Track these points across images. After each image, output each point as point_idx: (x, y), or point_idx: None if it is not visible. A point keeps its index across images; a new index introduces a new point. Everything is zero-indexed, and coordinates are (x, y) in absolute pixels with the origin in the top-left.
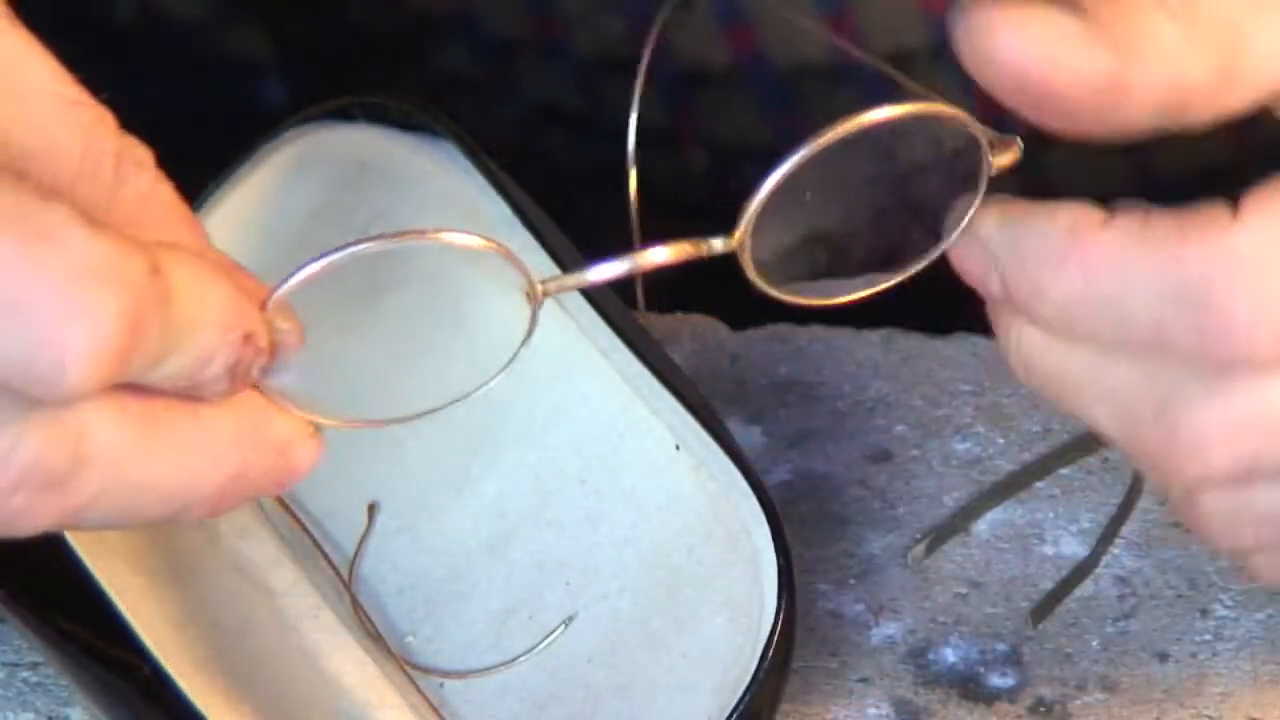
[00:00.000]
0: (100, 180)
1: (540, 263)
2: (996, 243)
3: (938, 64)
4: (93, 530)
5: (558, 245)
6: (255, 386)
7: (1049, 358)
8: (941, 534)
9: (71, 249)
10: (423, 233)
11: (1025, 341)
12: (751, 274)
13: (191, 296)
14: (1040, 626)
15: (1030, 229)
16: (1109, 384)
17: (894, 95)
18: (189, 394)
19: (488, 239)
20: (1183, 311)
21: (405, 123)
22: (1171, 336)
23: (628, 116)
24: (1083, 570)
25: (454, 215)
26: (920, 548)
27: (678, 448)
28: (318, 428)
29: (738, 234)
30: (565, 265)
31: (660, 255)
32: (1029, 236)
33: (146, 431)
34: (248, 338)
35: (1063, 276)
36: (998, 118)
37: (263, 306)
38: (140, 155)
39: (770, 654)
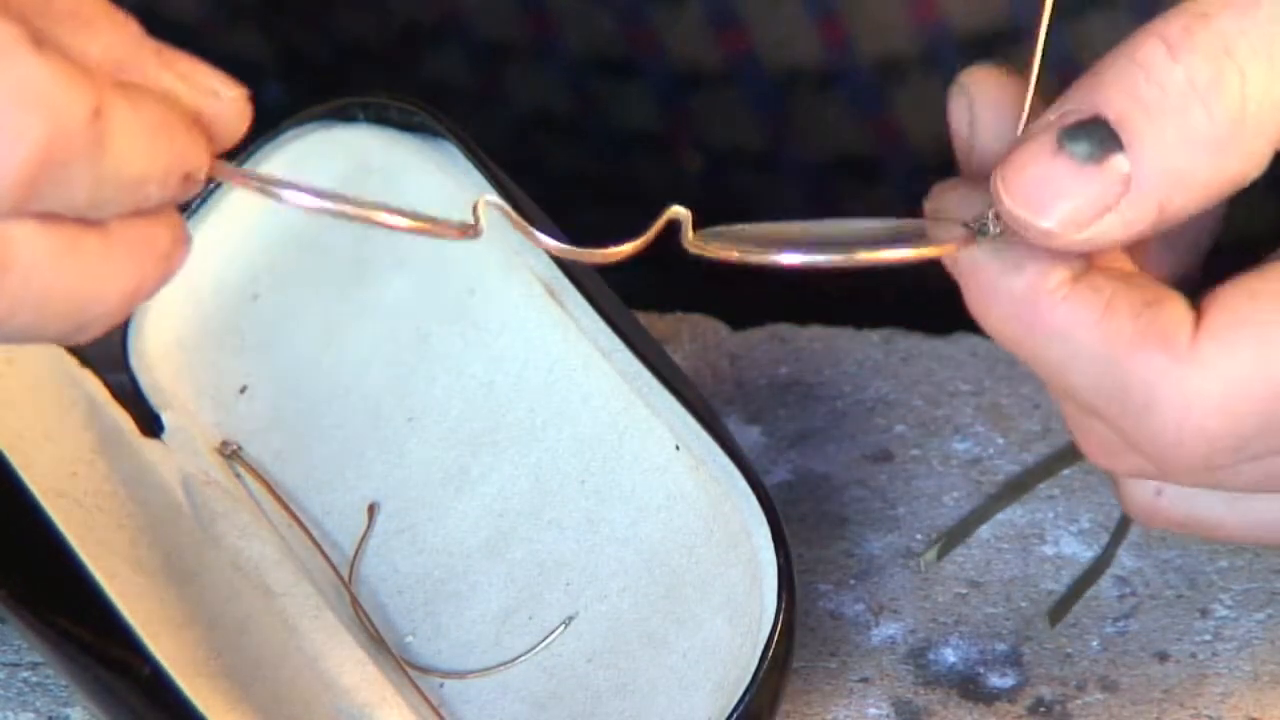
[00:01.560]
0: None
1: (540, 262)
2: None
3: (930, 73)
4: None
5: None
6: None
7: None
8: (953, 537)
9: (13, 68)
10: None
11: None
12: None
13: (134, 150)
14: (1040, 626)
15: (996, 271)
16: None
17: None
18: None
19: (418, 219)
20: (1121, 411)
21: (405, 123)
22: (1106, 418)
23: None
24: (1097, 569)
25: (453, 215)
26: (931, 553)
27: (678, 448)
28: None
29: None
30: (565, 264)
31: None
32: (996, 276)
33: (64, 248)
34: (186, 177)
35: (1008, 328)
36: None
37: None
38: None
39: (770, 654)
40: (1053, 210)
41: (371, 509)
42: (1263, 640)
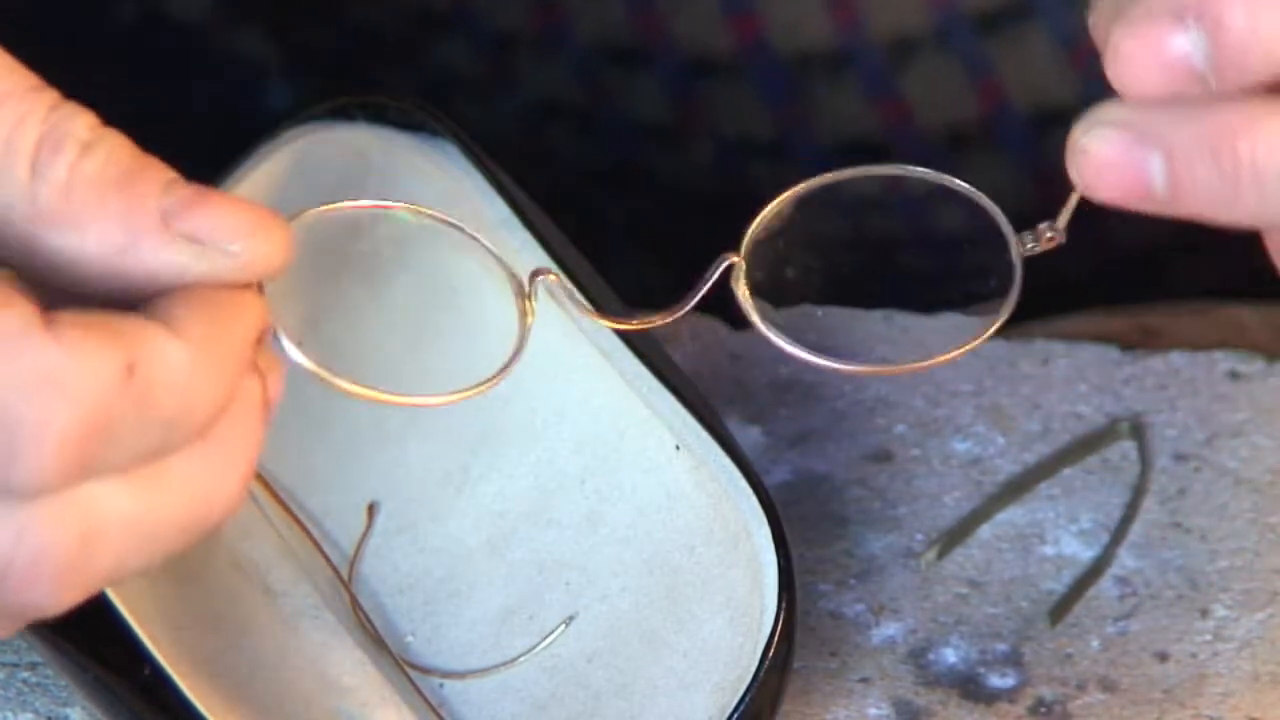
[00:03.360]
0: (14, 184)
1: (540, 262)
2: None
3: (942, 50)
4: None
5: (557, 244)
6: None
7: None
8: (953, 537)
9: (25, 356)
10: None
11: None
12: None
13: (181, 387)
14: (1040, 627)
15: None
16: None
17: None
18: None
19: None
20: None
21: (405, 122)
22: None
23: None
24: (1097, 570)
25: (454, 215)
26: (932, 553)
27: (678, 448)
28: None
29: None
30: (565, 264)
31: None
32: None
33: (155, 484)
34: (258, 342)
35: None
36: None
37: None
38: (64, 132)
39: (770, 654)
40: None
41: (371, 509)
42: (1263, 640)
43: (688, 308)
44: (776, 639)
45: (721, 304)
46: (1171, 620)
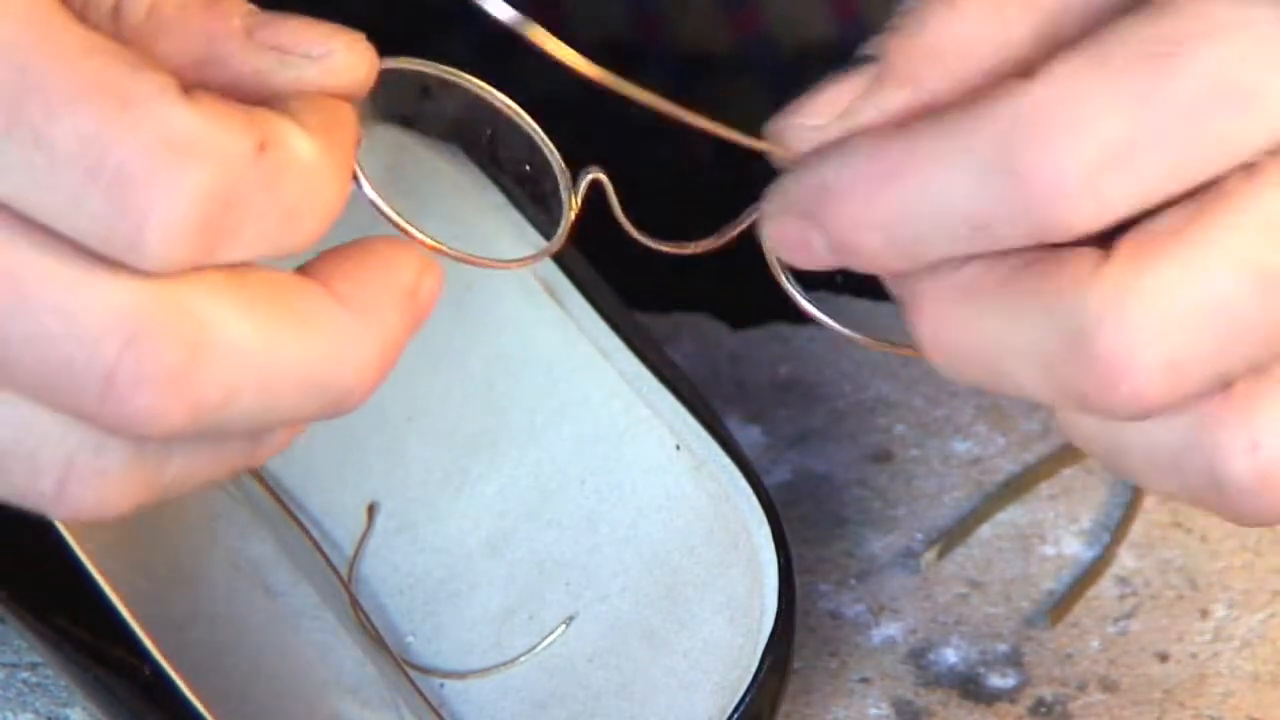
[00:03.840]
0: (99, 6)
1: (542, 265)
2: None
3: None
4: (235, 433)
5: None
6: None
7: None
8: (953, 537)
9: (158, 119)
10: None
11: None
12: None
13: (307, 176)
14: (1040, 627)
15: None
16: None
17: None
18: None
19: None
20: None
21: (409, 122)
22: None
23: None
24: (1097, 570)
25: (455, 214)
26: (932, 553)
27: (678, 448)
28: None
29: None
30: (565, 263)
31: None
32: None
33: (278, 317)
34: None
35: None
36: None
37: None
38: None
39: (770, 654)
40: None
41: (371, 509)
42: (1263, 640)
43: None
44: (776, 639)
45: (722, 304)
46: (1171, 620)
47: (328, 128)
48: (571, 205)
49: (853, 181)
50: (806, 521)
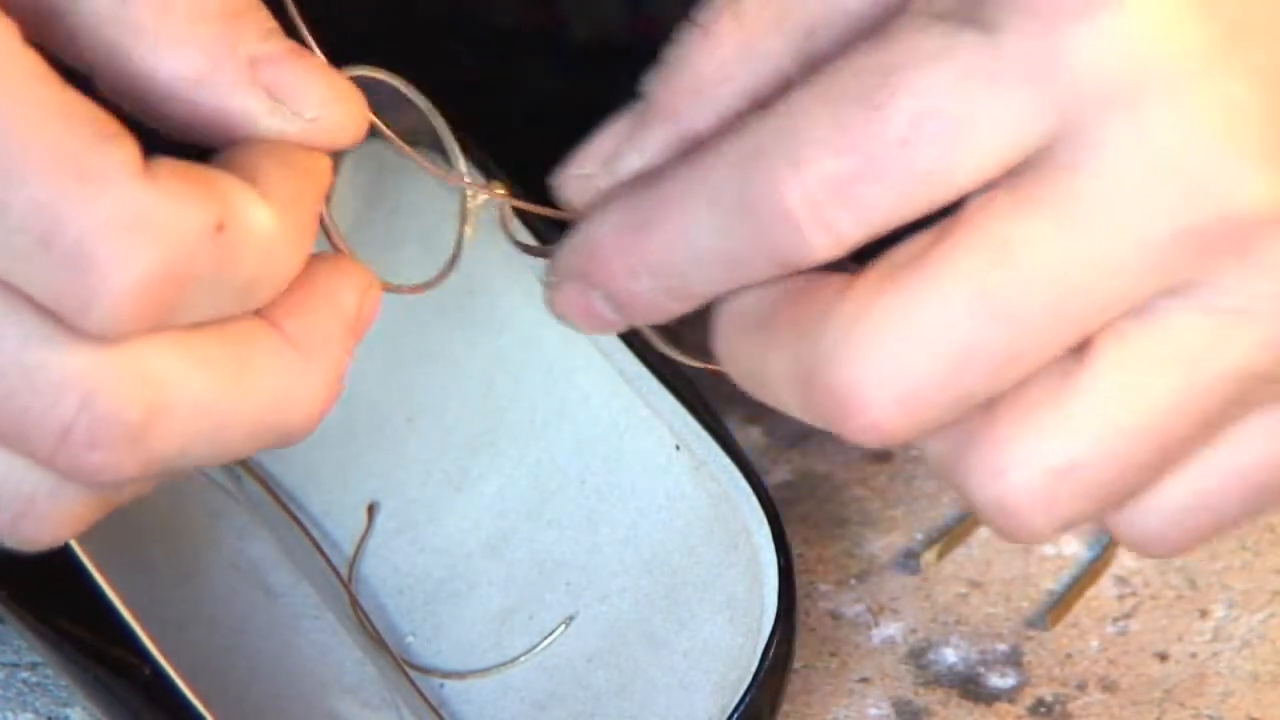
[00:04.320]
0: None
1: (540, 262)
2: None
3: None
4: (187, 469)
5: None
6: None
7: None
8: (953, 537)
9: (115, 196)
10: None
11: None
12: None
13: (264, 251)
14: (1040, 627)
15: None
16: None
17: None
18: None
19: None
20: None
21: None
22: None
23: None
24: (1097, 570)
25: (454, 215)
26: (932, 553)
27: (678, 448)
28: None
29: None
30: None
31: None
32: None
33: (233, 370)
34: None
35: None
36: None
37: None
38: None
39: (770, 654)
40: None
41: (371, 509)
42: (1263, 640)
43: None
44: (776, 639)
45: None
46: (1171, 620)
47: (294, 195)
48: (466, 224)
49: (613, 234)
50: (806, 521)
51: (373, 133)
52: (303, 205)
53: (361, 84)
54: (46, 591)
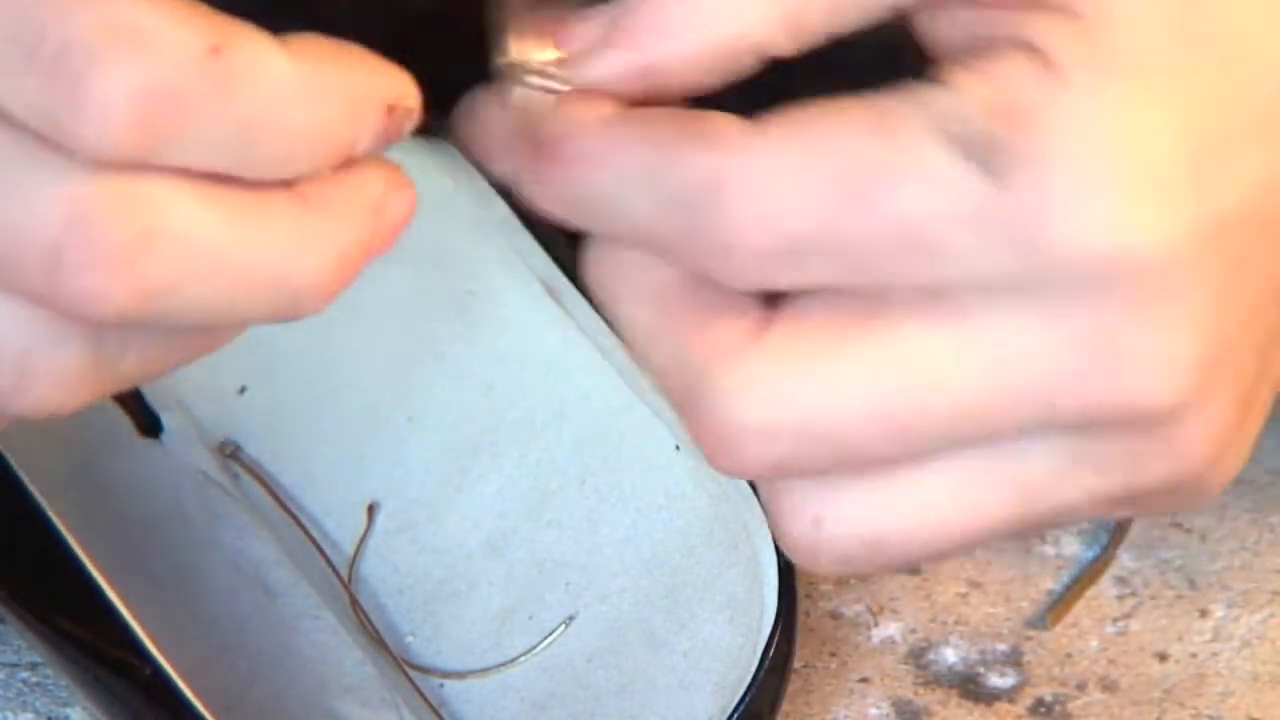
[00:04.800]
0: None
1: (540, 262)
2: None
3: None
4: (190, 325)
5: (558, 246)
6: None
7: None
8: None
9: (103, 4)
10: None
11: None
12: None
13: (272, 95)
14: (1040, 627)
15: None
16: (642, 332)
17: None
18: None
19: None
20: (681, 215)
21: None
22: (669, 241)
23: None
24: (1097, 570)
25: (455, 214)
26: None
27: (678, 448)
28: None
29: None
30: (565, 266)
31: None
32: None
33: (232, 212)
34: (390, 110)
35: (551, 171)
36: None
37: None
38: None
39: (770, 654)
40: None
41: (371, 509)
42: (1263, 640)
43: None
44: (776, 639)
45: None
46: (1171, 620)
47: (325, 64)
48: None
49: (549, 149)
50: None
51: None
52: (334, 76)
53: None
54: (46, 591)
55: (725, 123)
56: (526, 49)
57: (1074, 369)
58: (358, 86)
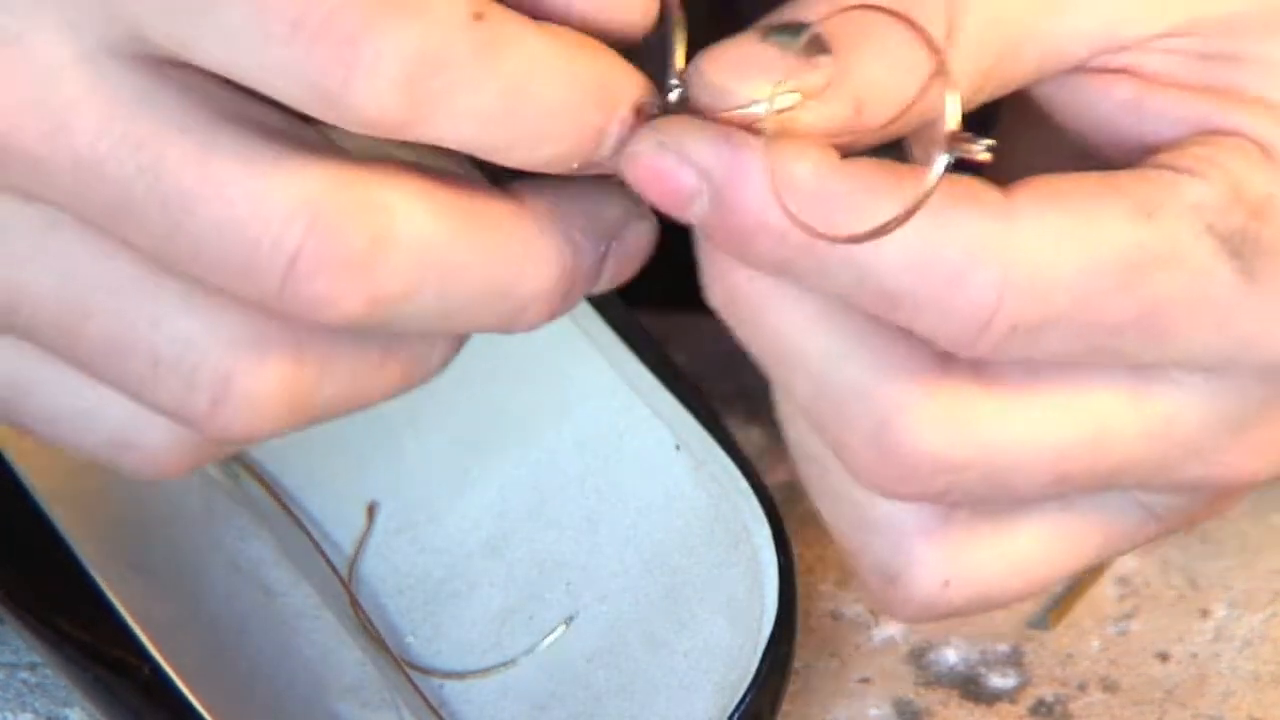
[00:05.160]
0: None
1: None
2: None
3: None
4: (418, 331)
5: None
6: None
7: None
8: None
9: None
10: None
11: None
12: None
13: (528, 57)
14: (1040, 627)
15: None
16: (817, 355)
17: None
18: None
19: None
20: (935, 280)
21: None
22: (915, 307)
23: None
24: (1097, 570)
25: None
26: None
27: (678, 448)
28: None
29: None
30: None
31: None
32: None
33: (464, 220)
34: (638, 111)
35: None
36: None
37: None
38: None
39: (770, 655)
40: (754, 80)
41: (371, 509)
42: (1263, 640)
43: None
44: (776, 640)
45: None
46: (1172, 620)
47: (572, 41)
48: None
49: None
50: (806, 522)
51: None
52: (585, 54)
53: None
54: (46, 592)
55: (985, 190)
56: (746, 82)
57: (1215, 444)
58: (609, 74)
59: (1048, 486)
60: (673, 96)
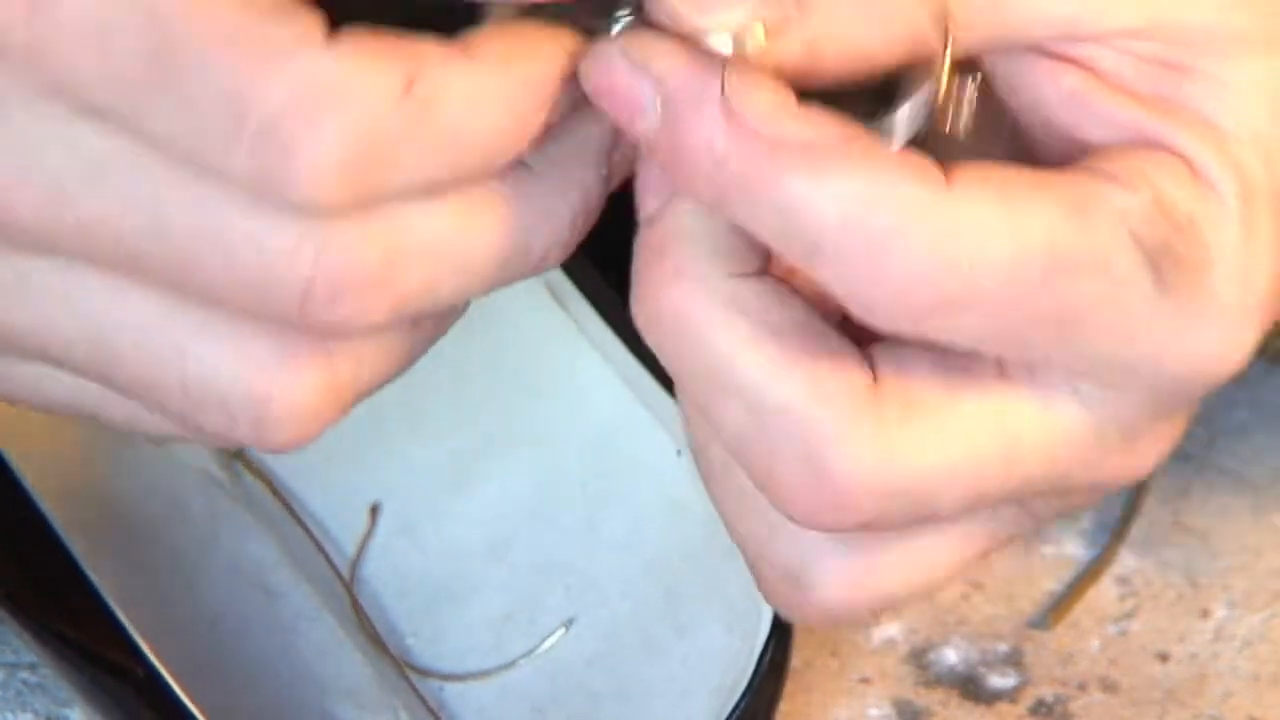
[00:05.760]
0: None
1: None
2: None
3: None
4: (445, 307)
5: None
6: None
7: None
8: None
9: (297, 69)
10: None
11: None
12: None
13: (466, 107)
14: (1040, 627)
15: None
16: (749, 379)
17: None
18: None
19: None
20: (860, 244)
21: None
22: (840, 264)
23: None
24: (1097, 570)
25: None
26: None
27: (679, 453)
28: None
29: None
30: (566, 264)
31: None
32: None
33: (467, 209)
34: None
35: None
36: None
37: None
38: None
39: (766, 659)
40: (716, 10)
41: (373, 511)
42: (1264, 640)
43: None
44: (773, 644)
45: None
46: (1172, 620)
47: (505, 55)
48: None
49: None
50: None
51: None
52: (515, 64)
53: None
54: (45, 593)
55: (927, 165)
56: (710, 10)
57: (1105, 450)
58: (536, 69)
59: (965, 505)
60: (617, 28)
